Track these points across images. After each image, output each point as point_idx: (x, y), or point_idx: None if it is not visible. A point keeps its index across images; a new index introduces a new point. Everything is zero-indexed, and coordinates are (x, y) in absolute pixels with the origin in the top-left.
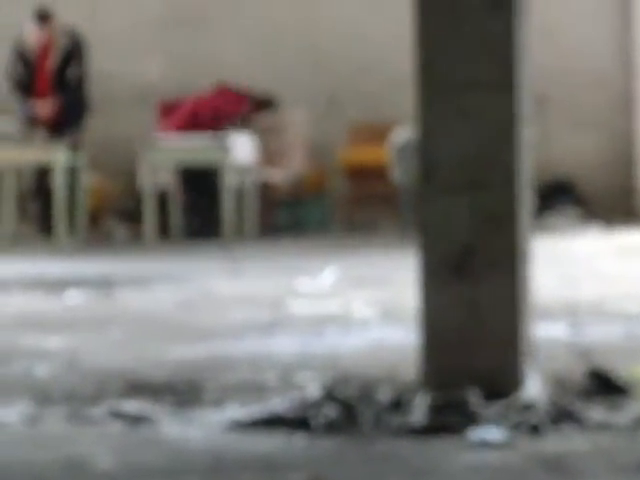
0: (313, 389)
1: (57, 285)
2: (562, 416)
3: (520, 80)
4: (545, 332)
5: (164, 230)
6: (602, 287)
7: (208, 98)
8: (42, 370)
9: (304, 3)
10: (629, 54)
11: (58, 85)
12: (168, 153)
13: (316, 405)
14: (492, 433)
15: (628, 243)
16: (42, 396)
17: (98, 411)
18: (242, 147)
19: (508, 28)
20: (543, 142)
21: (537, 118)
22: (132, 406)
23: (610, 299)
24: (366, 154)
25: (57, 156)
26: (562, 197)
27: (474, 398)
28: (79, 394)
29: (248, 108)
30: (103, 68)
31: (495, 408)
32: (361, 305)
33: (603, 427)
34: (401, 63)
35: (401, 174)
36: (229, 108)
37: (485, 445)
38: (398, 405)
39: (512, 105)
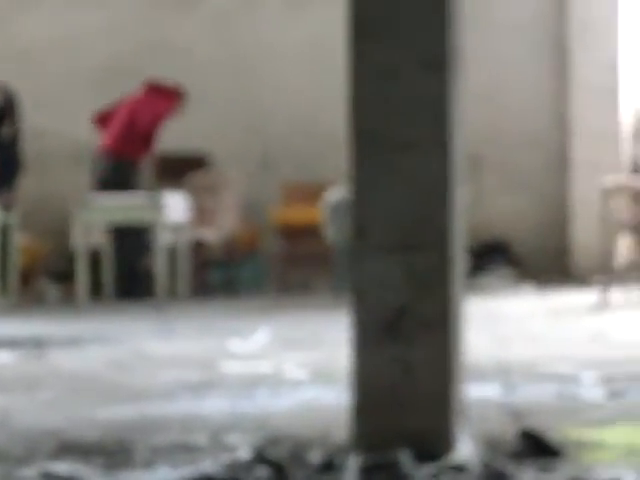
0: (244, 450)
1: None
2: (494, 478)
3: (454, 141)
4: (477, 393)
5: (96, 290)
6: (535, 348)
7: (140, 100)
8: None
9: (237, 63)
10: (564, 115)
11: None
12: (101, 212)
13: (247, 466)
14: None
15: (561, 304)
16: None
17: (28, 472)
18: (175, 206)
19: (443, 89)
20: (477, 202)
21: (471, 178)
22: (62, 467)
23: (542, 360)
24: (300, 213)
25: None
26: (496, 257)
27: (406, 459)
28: (9, 455)
29: (179, 100)
30: (36, 125)
31: (427, 470)
32: (293, 366)
33: None
34: (335, 122)
35: (334, 233)
36: (163, 105)
37: None
38: (329, 467)
39: (446, 166)
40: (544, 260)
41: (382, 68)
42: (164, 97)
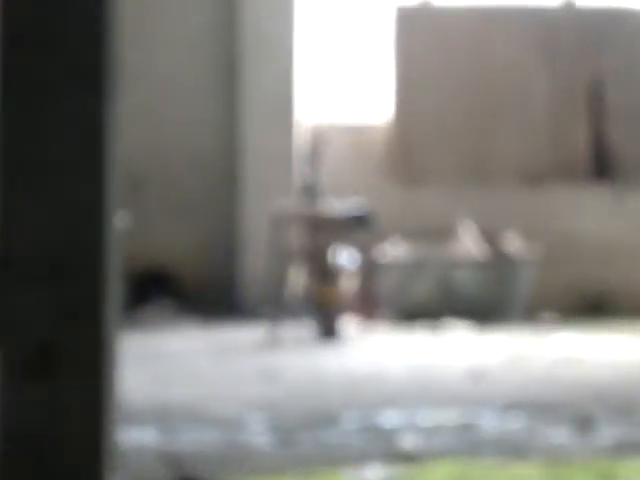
0: None
1: None
2: None
3: (108, 160)
4: (134, 438)
5: None
6: (198, 388)
7: None
8: None
9: None
10: (234, 134)
11: None
12: None
13: None
14: None
15: (228, 340)
16: None
17: None
18: None
19: (96, 105)
20: (138, 227)
21: (131, 201)
22: None
23: (206, 401)
24: None
25: None
26: (157, 288)
27: None
28: None
29: None
30: None
31: None
32: None
33: None
34: None
35: None
36: None
37: None
38: None
39: (99, 187)
40: (210, 292)
41: (36, 84)
42: None
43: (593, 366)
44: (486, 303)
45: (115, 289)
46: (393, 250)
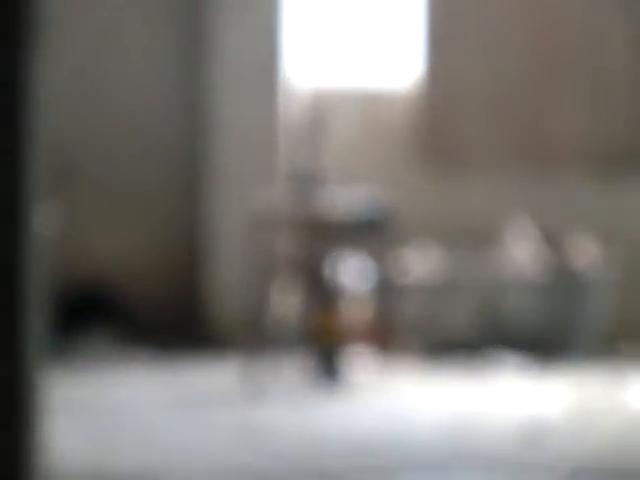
0: None
1: None
2: None
3: (28, 139)
4: None
5: None
6: (149, 452)
7: None
8: None
9: None
10: (197, 106)
11: None
12: None
13: None
14: None
15: (190, 385)
16: None
17: None
18: None
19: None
20: (71, 235)
21: (62, 201)
22: None
23: (159, 471)
24: None
25: None
26: (97, 312)
27: None
28: None
29: None
30: None
31: None
32: None
33: None
34: None
35: None
36: None
37: None
38: None
39: (16, 184)
40: (168, 317)
41: None
42: None
43: None
44: (545, 334)
45: (40, 314)
46: (419, 263)
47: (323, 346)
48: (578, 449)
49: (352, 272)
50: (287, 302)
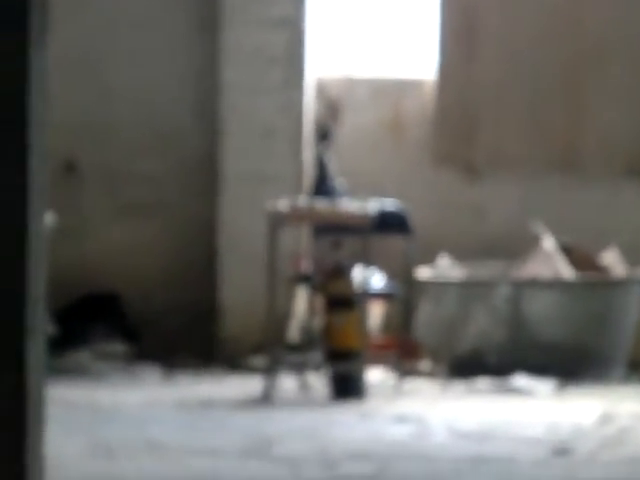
0: None
1: None
2: None
3: (31, 133)
4: None
5: None
6: (157, 463)
7: None
8: None
9: None
10: (209, 96)
11: None
12: None
13: None
14: None
15: (200, 397)
16: None
17: None
18: None
19: (16, 53)
20: (70, 231)
21: (61, 193)
22: None
23: None
24: None
25: None
26: (102, 321)
27: None
28: None
29: None
30: None
31: None
32: None
33: None
34: None
35: None
36: None
37: None
38: None
39: (17, 171)
40: (180, 326)
41: None
42: None
43: None
44: (575, 350)
45: (40, 322)
46: (441, 271)
47: (339, 357)
48: (609, 472)
49: (372, 279)
50: (304, 309)
